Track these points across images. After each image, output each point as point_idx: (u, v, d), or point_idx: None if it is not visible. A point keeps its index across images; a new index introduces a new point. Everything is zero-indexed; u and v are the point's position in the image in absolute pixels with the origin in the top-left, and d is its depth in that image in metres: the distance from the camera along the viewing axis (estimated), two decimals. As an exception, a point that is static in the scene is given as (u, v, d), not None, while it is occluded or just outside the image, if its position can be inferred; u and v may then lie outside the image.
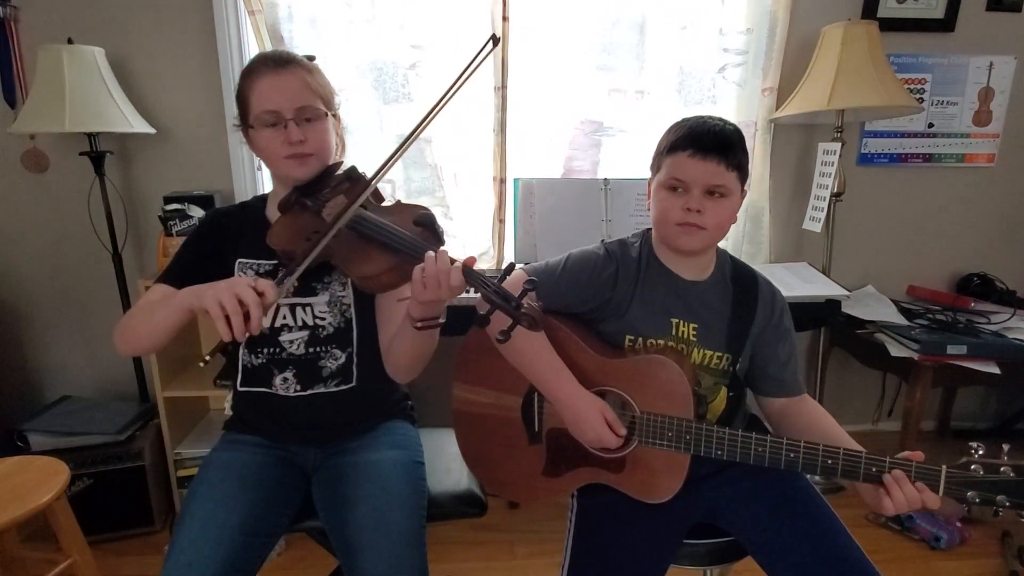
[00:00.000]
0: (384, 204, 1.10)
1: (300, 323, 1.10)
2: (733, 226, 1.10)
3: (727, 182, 1.00)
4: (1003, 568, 1.78)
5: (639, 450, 1.02)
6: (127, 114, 1.86)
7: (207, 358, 0.87)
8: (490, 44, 0.96)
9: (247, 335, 0.84)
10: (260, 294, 0.84)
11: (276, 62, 1.05)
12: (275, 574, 1.74)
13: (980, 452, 0.87)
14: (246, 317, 0.83)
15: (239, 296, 0.83)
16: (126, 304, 2.00)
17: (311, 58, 1.11)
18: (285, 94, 1.03)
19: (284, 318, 1.10)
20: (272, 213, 1.13)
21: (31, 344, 2.16)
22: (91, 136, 1.88)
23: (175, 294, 0.96)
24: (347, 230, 1.00)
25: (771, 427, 1.14)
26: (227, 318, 0.83)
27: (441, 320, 0.98)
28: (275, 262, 1.11)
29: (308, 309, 1.11)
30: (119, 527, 1.87)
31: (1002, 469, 0.85)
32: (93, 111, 1.79)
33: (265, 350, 1.11)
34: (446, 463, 1.23)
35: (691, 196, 0.99)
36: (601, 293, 1.08)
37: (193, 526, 0.95)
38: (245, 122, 1.08)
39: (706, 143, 0.99)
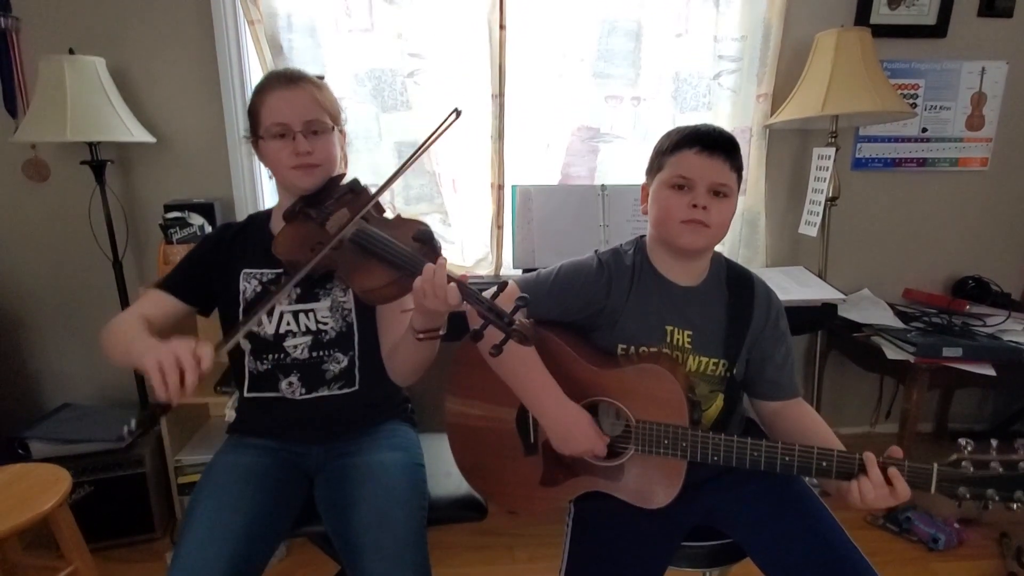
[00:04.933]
0: (385, 216, 1.12)
1: (303, 328, 1.14)
2: (730, 230, 1.11)
3: (730, 182, 1.02)
4: (1001, 569, 1.78)
5: (636, 458, 1.03)
6: (127, 123, 1.88)
7: (133, 426, 0.88)
8: (453, 115, 1.03)
9: (178, 399, 0.85)
10: (198, 360, 0.86)
11: (287, 79, 1.11)
12: (276, 580, 1.75)
13: (970, 449, 0.88)
14: (182, 380, 0.84)
15: (178, 357, 0.84)
16: (126, 312, 2.00)
17: (320, 77, 1.16)
18: (294, 108, 1.08)
19: (288, 324, 1.13)
20: (276, 224, 1.17)
21: (32, 351, 2.17)
22: (92, 145, 1.89)
23: (138, 341, 0.97)
24: (350, 244, 1.03)
25: (764, 428, 1.15)
26: (163, 377, 0.84)
27: (442, 332, 1.01)
28: (279, 271, 1.14)
29: (311, 315, 1.14)
30: (120, 534, 1.87)
31: (991, 464, 0.87)
32: (94, 120, 1.81)
33: (270, 356, 1.14)
34: (446, 468, 1.23)
35: (697, 193, 1.00)
36: (593, 303, 1.08)
37: (200, 528, 0.97)
38: (255, 134, 1.13)
39: (712, 142, 1.01)
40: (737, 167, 1.03)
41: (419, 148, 1.05)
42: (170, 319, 1.15)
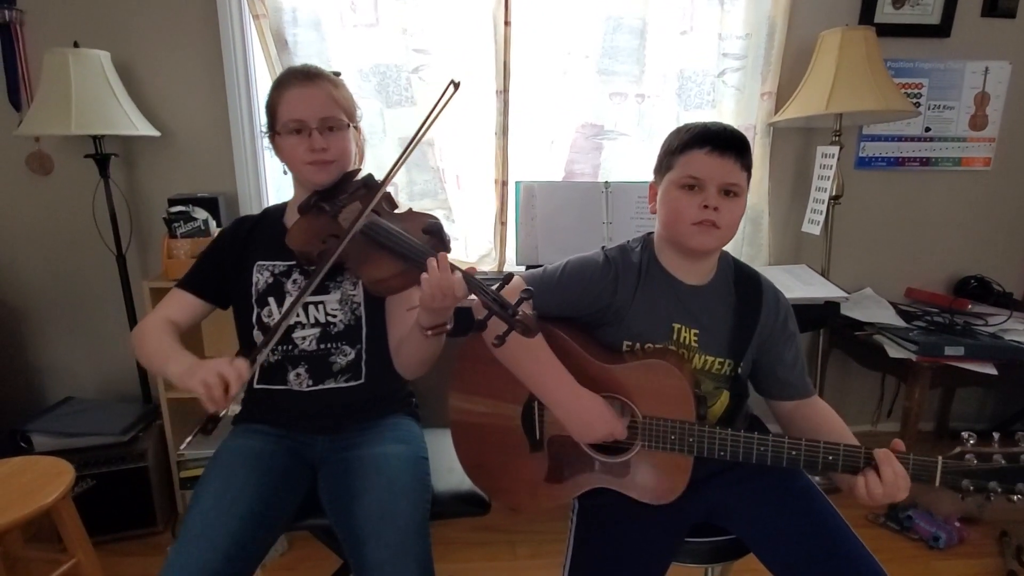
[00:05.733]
0: (397, 211, 1.15)
1: (312, 320, 1.15)
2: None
3: (740, 181, 1.01)
4: (1001, 567, 1.79)
5: (642, 454, 1.03)
6: (132, 117, 1.88)
7: (191, 437, 0.96)
8: (451, 88, 1.06)
9: (225, 408, 0.93)
10: (238, 372, 0.93)
11: (305, 76, 1.13)
12: (278, 574, 1.75)
13: (972, 442, 0.90)
14: (226, 390, 0.92)
15: (220, 373, 0.92)
16: (130, 306, 2.01)
17: (337, 74, 1.18)
18: (311, 105, 1.11)
19: (297, 316, 1.15)
20: (291, 218, 1.20)
21: (35, 345, 2.17)
22: (96, 139, 1.89)
23: (175, 360, 1.02)
24: (360, 236, 1.04)
25: (782, 429, 1.14)
26: (209, 391, 0.91)
27: (448, 327, 1.02)
28: (291, 263, 1.16)
29: (320, 307, 1.15)
30: (122, 528, 1.88)
31: (994, 457, 0.88)
32: (98, 114, 1.80)
33: (279, 347, 1.15)
34: (448, 463, 1.23)
35: (708, 194, 0.99)
36: (600, 299, 1.07)
37: (205, 503, 0.99)
38: (272, 129, 1.15)
39: (723, 141, 0.99)
40: (747, 165, 1.02)
41: (422, 126, 1.07)
42: (195, 318, 1.19)
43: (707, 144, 0.99)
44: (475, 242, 2.19)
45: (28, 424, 1.82)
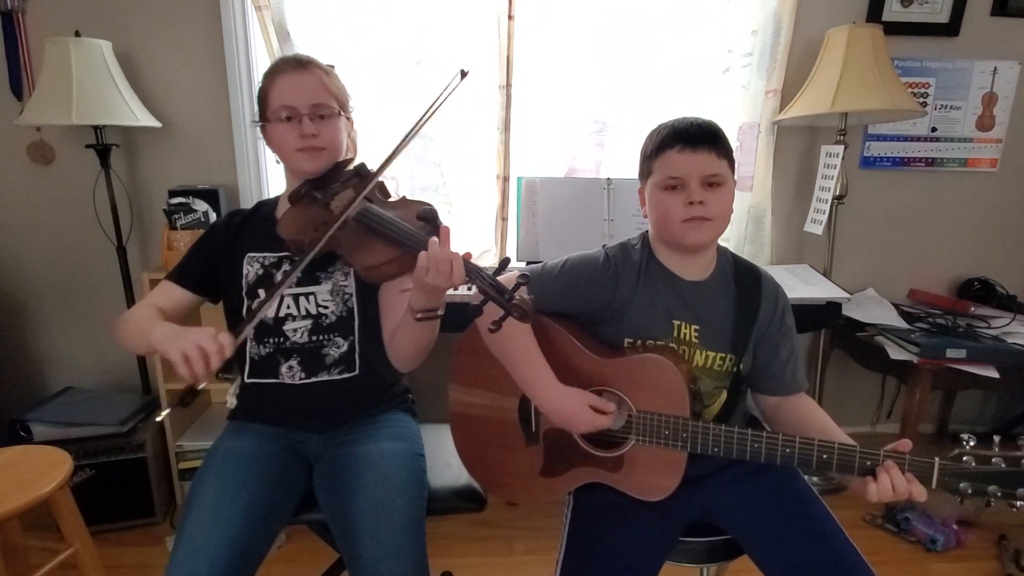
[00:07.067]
0: (390, 200, 1.14)
1: (303, 312, 1.14)
2: (735, 227, 1.10)
3: (721, 170, 1.01)
4: (999, 571, 1.78)
5: (636, 449, 1.03)
6: (133, 107, 1.87)
7: (167, 410, 0.92)
8: (458, 78, 1.04)
9: (204, 382, 0.90)
10: (220, 347, 0.89)
11: (297, 63, 1.13)
12: (276, 566, 1.76)
13: (971, 444, 0.88)
14: (207, 364, 0.89)
15: (201, 346, 0.88)
16: (129, 297, 2.01)
17: (331, 66, 1.18)
18: (302, 91, 1.10)
19: (288, 307, 1.14)
20: (282, 209, 1.18)
21: (34, 335, 2.17)
22: (97, 129, 1.89)
23: (159, 329, 1.00)
24: (353, 222, 1.04)
25: (766, 423, 1.15)
26: (189, 364, 0.88)
27: (440, 312, 1.01)
28: (282, 254, 1.15)
29: (311, 298, 1.14)
30: (121, 518, 1.88)
31: (993, 460, 0.86)
32: (99, 104, 1.80)
33: (270, 340, 1.14)
34: (446, 458, 1.23)
35: (690, 190, 1.00)
36: (599, 297, 1.08)
37: (201, 512, 0.97)
38: (263, 117, 1.14)
39: (693, 135, 1.00)
40: (725, 154, 1.02)
41: (425, 113, 1.05)
42: (182, 309, 1.18)
43: (678, 142, 1.00)
44: (475, 238, 2.19)
45: (27, 413, 1.82)
